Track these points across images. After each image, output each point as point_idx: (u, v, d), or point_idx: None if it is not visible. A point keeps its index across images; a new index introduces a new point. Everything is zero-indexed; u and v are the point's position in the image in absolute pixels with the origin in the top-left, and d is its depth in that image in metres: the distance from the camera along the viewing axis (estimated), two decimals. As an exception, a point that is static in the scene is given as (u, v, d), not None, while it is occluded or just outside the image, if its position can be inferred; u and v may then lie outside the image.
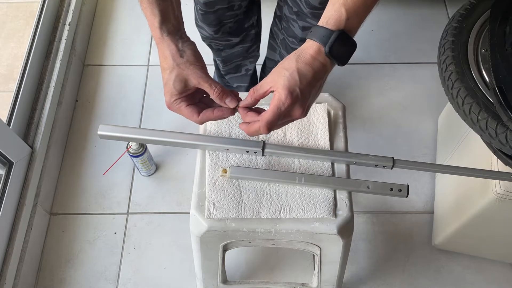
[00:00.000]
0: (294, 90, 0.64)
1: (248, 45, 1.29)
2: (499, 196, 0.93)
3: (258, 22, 1.28)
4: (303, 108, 0.66)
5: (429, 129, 1.52)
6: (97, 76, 1.64)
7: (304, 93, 0.65)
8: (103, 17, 1.78)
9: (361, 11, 0.63)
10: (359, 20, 0.64)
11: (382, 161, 0.81)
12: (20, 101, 1.32)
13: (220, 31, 1.18)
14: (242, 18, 1.18)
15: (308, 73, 0.65)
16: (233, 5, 1.10)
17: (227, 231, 0.80)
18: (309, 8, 1.03)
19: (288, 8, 1.11)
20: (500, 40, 0.84)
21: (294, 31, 1.14)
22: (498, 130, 0.82)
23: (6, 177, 1.21)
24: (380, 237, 1.35)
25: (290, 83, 0.65)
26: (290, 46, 1.22)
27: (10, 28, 1.66)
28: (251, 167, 0.84)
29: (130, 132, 0.80)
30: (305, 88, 0.65)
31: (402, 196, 0.82)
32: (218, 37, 1.20)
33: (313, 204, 0.81)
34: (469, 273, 1.30)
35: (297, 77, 0.65)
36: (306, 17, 1.07)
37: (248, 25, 1.22)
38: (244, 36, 1.24)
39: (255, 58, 1.37)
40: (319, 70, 0.65)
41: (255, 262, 1.32)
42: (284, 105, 0.65)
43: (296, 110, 0.66)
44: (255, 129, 0.68)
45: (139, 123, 1.54)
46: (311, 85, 0.65)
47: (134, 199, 1.41)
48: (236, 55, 1.31)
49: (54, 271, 1.31)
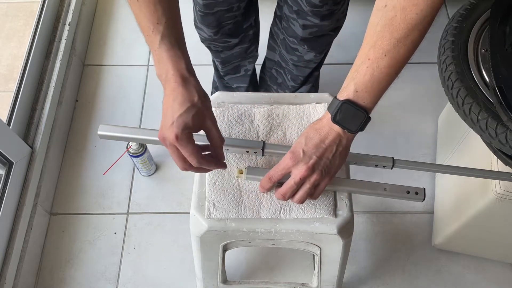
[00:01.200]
0: (297, 151, 0.72)
1: (246, 46, 1.28)
2: (499, 196, 0.93)
3: (256, 22, 1.28)
4: (306, 167, 0.71)
5: (429, 129, 1.52)
6: (97, 76, 1.64)
7: (307, 152, 0.71)
8: (103, 17, 1.78)
9: (370, 85, 0.68)
10: (371, 94, 0.69)
11: (382, 161, 0.81)
12: (20, 101, 1.32)
13: (219, 33, 1.17)
14: (240, 19, 1.18)
15: (315, 136, 0.72)
16: (232, 7, 1.10)
17: (227, 231, 0.80)
18: (310, 6, 1.03)
19: (288, 8, 1.11)
20: (500, 40, 0.84)
21: (294, 30, 1.14)
22: (498, 130, 0.82)
23: (6, 177, 1.21)
24: (380, 237, 1.35)
25: (295, 146, 0.73)
26: (290, 46, 1.21)
27: (10, 28, 1.66)
28: (267, 168, 0.83)
29: (130, 132, 0.80)
30: (310, 149, 0.71)
31: (419, 199, 0.80)
32: (217, 39, 1.20)
33: (313, 204, 0.81)
34: (469, 273, 1.30)
35: (303, 140, 0.72)
36: (306, 15, 1.07)
37: (247, 26, 1.22)
38: (242, 37, 1.24)
39: (254, 58, 1.37)
40: (327, 135, 0.71)
41: (255, 262, 1.32)
42: (284, 161, 0.73)
43: (299, 168, 0.71)
44: (262, 181, 0.77)
45: (139, 123, 1.54)
46: (319, 148, 0.71)
47: (134, 199, 1.41)
48: (235, 56, 1.31)
49: (54, 271, 1.31)
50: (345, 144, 0.72)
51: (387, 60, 0.66)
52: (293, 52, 1.23)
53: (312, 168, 0.71)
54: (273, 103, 0.92)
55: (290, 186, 0.73)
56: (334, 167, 0.73)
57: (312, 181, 0.72)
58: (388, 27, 0.64)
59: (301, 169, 0.71)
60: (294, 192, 0.74)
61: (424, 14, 0.62)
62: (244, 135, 0.87)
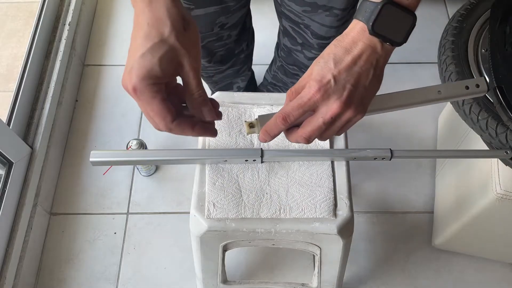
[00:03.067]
0: (325, 77, 0.53)
1: (238, 68, 1.24)
2: (499, 196, 0.93)
3: (248, 46, 1.22)
4: (340, 101, 0.53)
5: (429, 129, 1.52)
6: (97, 76, 1.64)
7: (340, 80, 0.52)
8: (103, 17, 1.78)
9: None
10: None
11: (380, 153, 0.80)
12: (20, 101, 1.32)
13: (212, 61, 1.14)
14: (232, 46, 1.12)
15: (346, 57, 0.53)
16: (221, 36, 1.04)
17: (227, 231, 0.80)
18: (316, 38, 0.96)
19: (290, 40, 1.05)
20: (500, 40, 0.84)
21: (298, 59, 1.07)
22: (498, 130, 0.82)
23: (6, 177, 1.21)
24: (380, 237, 1.35)
25: (321, 72, 0.53)
26: (291, 72, 1.18)
27: (10, 28, 1.66)
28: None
29: (123, 155, 0.79)
30: (342, 75, 0.52)
31: (482, 92, 0.64)
32: (209, 66, 1.16)
33: (313, 204, 0.81)
34: (469, 273, 1.30)
35: (331, 63, 0.53)
36: (311, 48, 1.00)
37: (238, 51, 1.17)
38: (234, 61, 1.19)
39: (246, 76, 1.33)
40: (362, 53, 0.53)
41: (255, 262, 1.32)
42: (308, 94, 0.53)
43: (331, 104, 0.53)
44: (270, 124, 0.57)
45: (139, 123, 1.54)
46: (352, 72, 0.53)
47: (134, 199, 1.41)
48: (226, 77, 1.27)
49: (54, 271, 1.31)
50: (382, 63, 0.55)
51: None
52: (293, 76, 1.20)
53: (348, 102, 0.53)
54: (273, 103, 0.92)
55: (318, 127, 0.55)
56: (370, 96, 0.56)
57: (344, 120, 0.55)
58: None
59: (333, 106, 0.53)
60: (322, 133, 0.57)
61: None
62: (244, 135, 0.87)
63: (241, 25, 1.08)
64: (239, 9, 1.00)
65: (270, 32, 1.49)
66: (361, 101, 0.55)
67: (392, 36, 0.53)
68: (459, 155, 0.82)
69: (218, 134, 0.61)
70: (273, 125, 0.57)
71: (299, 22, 0.98)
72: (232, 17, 1.01)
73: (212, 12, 0.96)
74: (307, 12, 0.93)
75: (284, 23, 1.04)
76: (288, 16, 0.99)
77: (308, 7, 0.91)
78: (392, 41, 0.53)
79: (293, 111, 0.55)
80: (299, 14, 0.95)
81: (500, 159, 0.90)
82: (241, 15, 1.04)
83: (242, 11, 1.02)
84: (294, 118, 0.56)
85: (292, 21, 1.00)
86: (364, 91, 0.54)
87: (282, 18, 1.04)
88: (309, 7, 0.91)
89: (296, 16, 0.97)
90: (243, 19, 1.06)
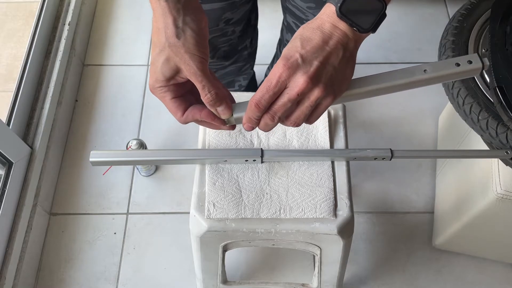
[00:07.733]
0: (292, 56, 0.53)
1: (240, 65, 1.25)
2: (500, 196, 0.93)
3: (252, 43, 1.22)
4: (307, 76, 0.52)
5: (429, 129, 1.51)
6: (97, 76, 1.64)
7: (307, 58, 0.53)
8: (103, 17, 1.78)
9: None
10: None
11: (380, 153, 0.81)
12: (19, 101, 1.32)
13: (215, 56, 1.14)
14: (236, 42, 1.13)
15: (314, 37, 0.53)
16: (226, 31, 1.05)
17: (227, 231, 0.80)
18: None
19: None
20: (500, 40, 0.84)
21: None
22: (498, 130, 0.82)
23: (6, 177, 1.21)
24: (381, 237, 1.35)
25: (288, 51, 0.54)
26: None
27: (10, 28, 1.66)
28: None
29: (123, 155, 0.79)
30: (309, 52, 0.53)
31: (476, 70, 0.58)
32: (212, 62, 1.17)
33: (313, 204, 0.80)
34: (469, 273, 1.30)
35: (298, 43, 0.53)
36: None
37: (242, 47, 1.18)
38: (237, 58, 1.20)
39: (248, 75, 1.34)
40: (331, 34, 0.53)
41: (255, 262, 1.32)
42: (275, 74, 0.53)
43: (297, 79, 0.53)
44: (248, 113, 0.57)
45: (139, 123, 1.54)
46: (322, 50, 0.53)
47: (134, 199, 1.41)
48: (228, 74, 1.27)
49: (54, 271, 1.31)
50: (352, 48, 0.55)
51: None
52: None
53: (315, 79, 0.53)
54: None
55: (283, 104, 0.55)
56: (341, 79, 0.55)
57: (312, 99, 0.54)
58: None
59: (299, 81, 0.53)
60: (288, 113, 0.56)
61: None
62: (243, 135, 0.87)
63: (245, 21, 1.09)
64: (244, 4, 1.01)
65: (270, 32, 1.49)
66: (331, 81, 0.54)
67: (359, 21, 0.53)
68: (459, 155, 0.82)
69: (218, 134, 0.63)
70: (250, 113, 0.57)
71: (303, 18, 0.99)
72: (237, 12, 1.02)
73: (218, 7, 0.97)
74: (311, 9, 0.95)
75: (288, 19, 1.06)
76: (293, 11, 1.01)
77: (313, 3, 0.94)
78: (359, 26, 0.53)
79: (263, 96, 0.55)
80: (303, 10, 0.97)
81: (500, 159, 0.90)
82: (246, 10, 1.05)
83: (246, 6, 1.04)
84: (267, 102, 0.55)
85: (296, 16, 1.02)
86: (333, 71, 0.54)
87: (287, 13, 1.06)
88: (314, 3, 0.94)
89: (300, 12, 0.99)
90: (247, 14, 1.07)
